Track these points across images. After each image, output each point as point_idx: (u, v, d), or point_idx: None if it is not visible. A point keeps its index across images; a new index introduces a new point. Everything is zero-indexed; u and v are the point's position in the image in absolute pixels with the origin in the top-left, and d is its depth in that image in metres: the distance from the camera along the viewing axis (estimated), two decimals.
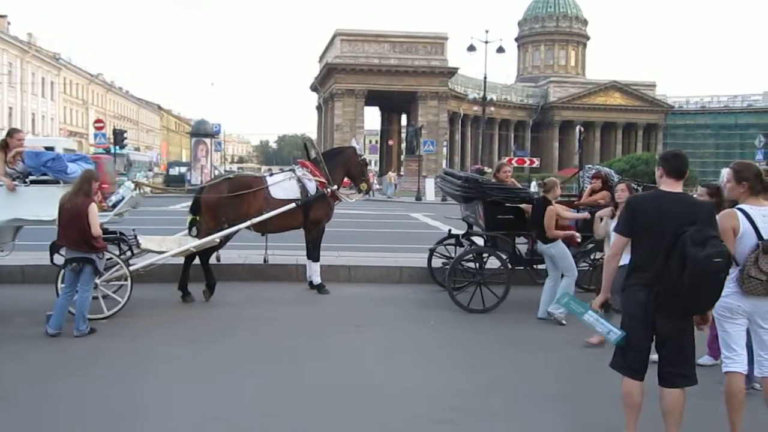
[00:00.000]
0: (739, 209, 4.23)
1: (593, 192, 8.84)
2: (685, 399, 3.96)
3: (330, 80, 71.19)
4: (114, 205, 8.06)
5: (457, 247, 9.51)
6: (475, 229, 9.18)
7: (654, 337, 3.98)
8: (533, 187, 42.08)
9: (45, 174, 7.31)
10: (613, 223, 5.70)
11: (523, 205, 8.37)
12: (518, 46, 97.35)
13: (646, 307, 3.90)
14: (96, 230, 6.57)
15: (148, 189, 9.87)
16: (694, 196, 5.63)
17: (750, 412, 4.29)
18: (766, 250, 4.06)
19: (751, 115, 79.32)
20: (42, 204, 7.09)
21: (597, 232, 7.32)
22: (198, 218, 8.54)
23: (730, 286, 4.05)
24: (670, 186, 4.04)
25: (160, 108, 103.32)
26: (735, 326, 4.24)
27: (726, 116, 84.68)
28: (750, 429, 4.29)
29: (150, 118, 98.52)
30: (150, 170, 50.60)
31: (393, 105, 76.77)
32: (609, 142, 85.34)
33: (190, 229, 8.59)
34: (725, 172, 7.30)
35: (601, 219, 7.18)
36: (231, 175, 9.71)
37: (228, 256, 9.52)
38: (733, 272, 4.09)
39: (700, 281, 3.68)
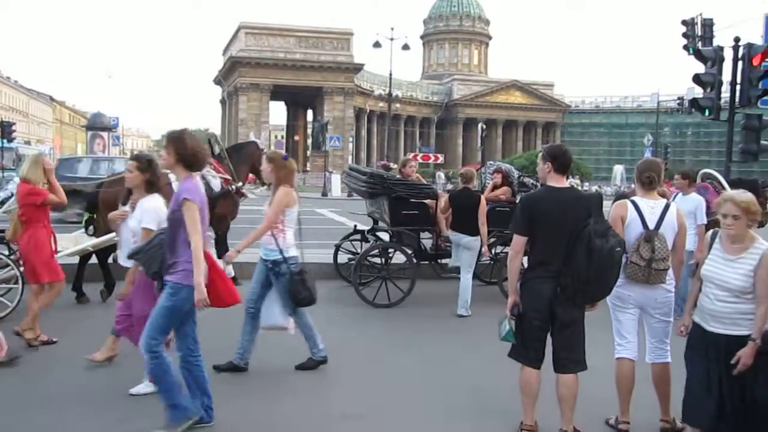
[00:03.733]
0: (631, 201, 4.50)
1: (495, 187, 9.12)
2: (577, 384, 4.15)
3: (234, 74, 69.90)
4: (2, 203, 7.64)
5: (363, 243, 9.57)
6: (381, 224, 9.27)
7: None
8: (440, 179, 42.90)
9: None
10: None
11: (427, 201, 8.54)
12: (423, 44, 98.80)
13: (550, 298, 4.07)
14: None
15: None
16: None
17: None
18: (648, 238, 4.30)
19: (640, 115, 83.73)
20: None
21: None
22: (95, 216, 8.22)
23: (621, 277, 4.25)
24: (558, 181, 4.22)
25: (52, 99, 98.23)
26: (626, 315, 4.46)
27: (618, 116, 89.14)
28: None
29: (41, 110, 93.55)
30: None
31: (299, 100, 76.28)
32: (510, 139, 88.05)
33: (86, 227, 8.25)
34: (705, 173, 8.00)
35: None
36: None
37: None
38: (624, 262, 4.29)
39: (606, 271, 3.96)
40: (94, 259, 8.27)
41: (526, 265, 4.35)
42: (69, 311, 7.62)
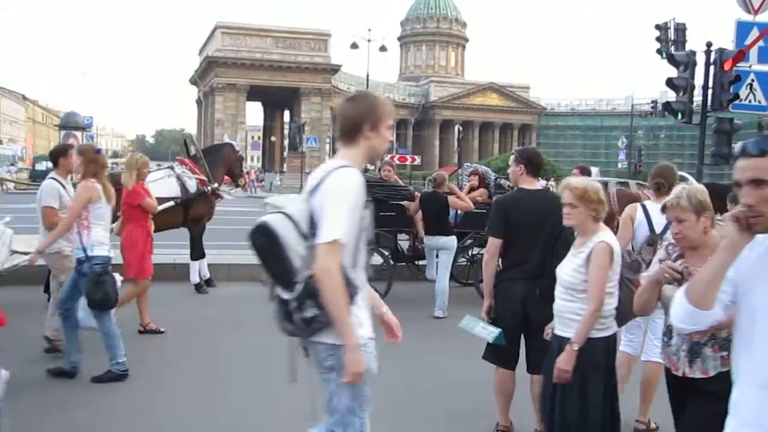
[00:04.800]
0: (641, 204, 4.67)
1: (472, 189, 9.16)
2: None
3: (210, 74, 69.44)
4: None
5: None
6: None
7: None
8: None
9: None
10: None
11: (404, 203, 8.55)
12: (401, 46, 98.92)
13: (524, 299, 4.13)
14: None
15: (11, 185, 9.26)
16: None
17: None
18: (650, 242, 4.42)
19: (615, 118, 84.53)
20: None
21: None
22: None
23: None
24: (531, 184, 4.31)
25: (24, 98, 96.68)
26: None
27: (593, 118, 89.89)
28: None
29: (13, 109, 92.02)
30: (13, 164, 47.35)
31: (276, 101, 75.98)
32: (487, 141, 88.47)
33: None
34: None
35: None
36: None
37: None
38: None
39: None
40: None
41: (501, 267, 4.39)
42: (42, 314, 7.50)
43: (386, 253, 8.54)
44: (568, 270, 3.47)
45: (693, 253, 2.94)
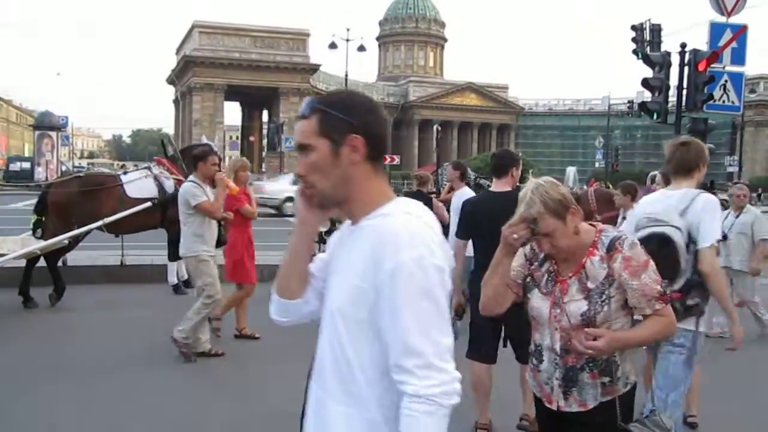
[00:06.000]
0: None
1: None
2: None
3: (188, 73, 68.94)
4: None
5: (321, 245, 9.55)
6: (339, 226, 9.26)
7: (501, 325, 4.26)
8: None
9: None
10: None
11: None
12: (379, 46, 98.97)
13: None
14: None
15: None
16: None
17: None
18: None
19: (592, 118, 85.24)
20: None
21: None
22: (44, 218, 8.03)
23: None
24: (498, 186, 4.44)
25: None
26: None
27: (570, 118, 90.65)
28: None
29: None
30: None
31: (254, 100, 75.62)
32: (465, 140, 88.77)
33: (34, 230, 8.06)
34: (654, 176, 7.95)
35: None
36: (81, 173, 9.23)
37: (77, 257, 9.02)
38: None
39: None
40: (42, 263, 8.07)
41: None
42: (17, 316, 7.43)
43: None
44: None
45: (568, 262, 2.42)
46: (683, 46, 12.14)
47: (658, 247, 3.09)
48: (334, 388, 1.60)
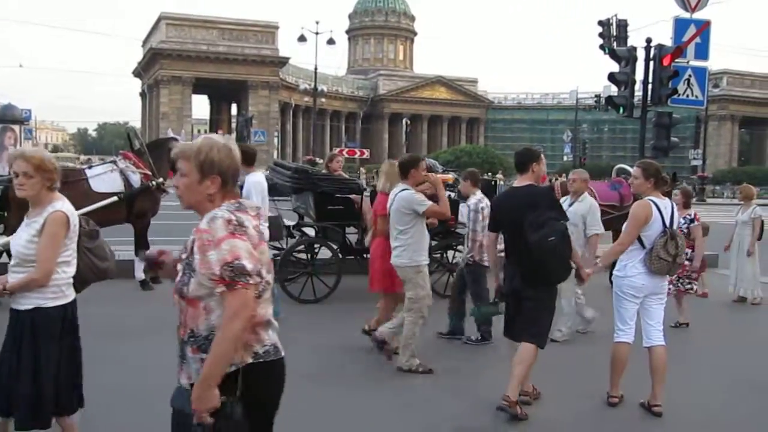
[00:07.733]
0: (650, 200, 4.79)
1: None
2: (531, 356, 4.55)
3: (155, 66, 67.98)
4: None
5: (288, 238, 9.52)
6: (306, 219, 9.24)
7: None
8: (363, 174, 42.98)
9: None
10: None
11: (352, 196, 8.56)
12: (349, 39, 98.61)
13: (514, 282, 4.62)
14: None
15: None
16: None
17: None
18: (672, 236, 4.65)
19: (560, 112, 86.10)
20: None
21: None
22: (5, 214, 7.87)
23: (637, 267, 4.67)
24: (519, 180, 4.79)
25: None
26: (632, 304, 4.80)
27: (539, 112, 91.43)
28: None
29: None
30: None
31: (223, 94, 74.89)
32: (435, 134, 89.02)
33: None
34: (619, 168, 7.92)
35: None
36: None
37: None
38: (640, 255, 4.67)
39: (543, 258, 4.36)
40: (4, 258, 7.91)
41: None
42: None
43: (335, 247, 8.54)
44: (22, 242, 3.40)
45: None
46: (648, 41, 12.30)
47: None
48: None
